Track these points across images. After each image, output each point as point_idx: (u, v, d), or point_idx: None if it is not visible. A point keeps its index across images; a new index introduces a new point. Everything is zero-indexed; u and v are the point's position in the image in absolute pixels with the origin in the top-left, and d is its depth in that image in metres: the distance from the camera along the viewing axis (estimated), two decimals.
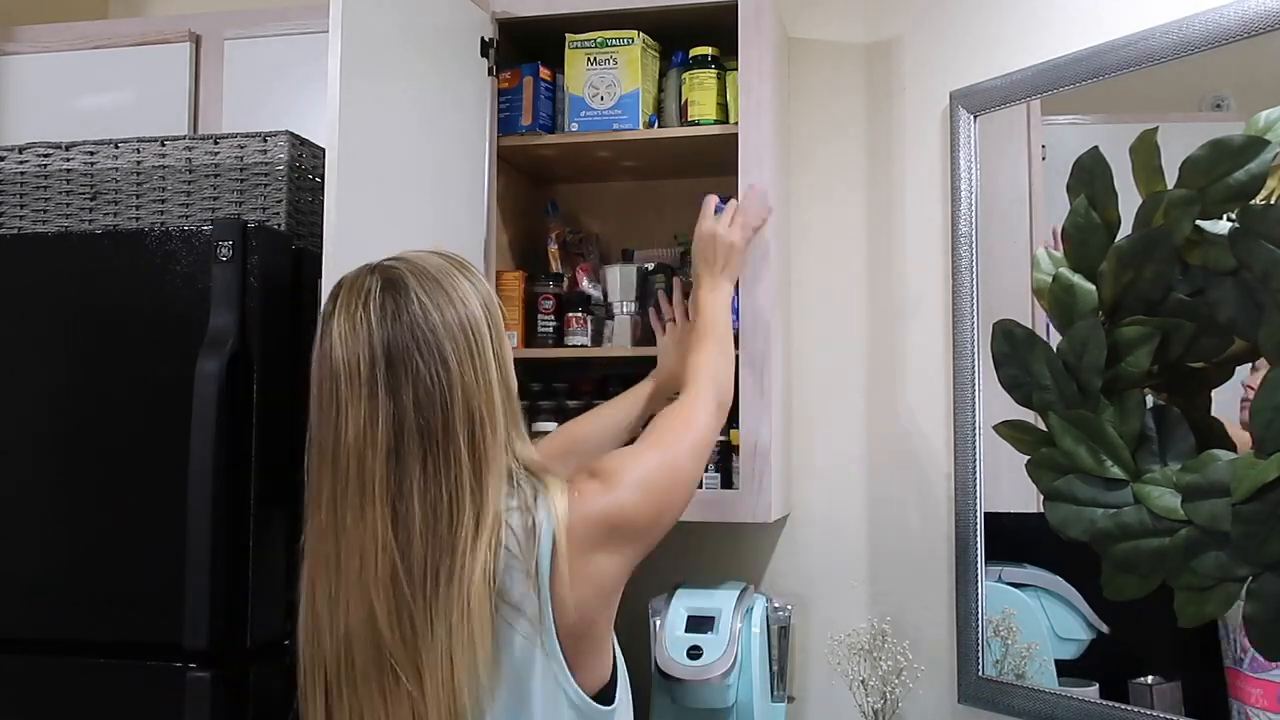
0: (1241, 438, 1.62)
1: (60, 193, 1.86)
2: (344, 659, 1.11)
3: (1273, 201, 1.59)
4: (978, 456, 1.97)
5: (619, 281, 2.06)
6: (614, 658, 1.24)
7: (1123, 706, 1.75)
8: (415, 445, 1.11)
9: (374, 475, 1.10)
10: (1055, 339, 1.85)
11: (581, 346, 2.02)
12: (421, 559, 1.09)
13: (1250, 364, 1.62)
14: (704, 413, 1.40)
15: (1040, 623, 1.88)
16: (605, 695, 1.20)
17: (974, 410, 1.98)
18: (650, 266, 2.06)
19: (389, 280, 1.15)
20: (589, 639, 1.17)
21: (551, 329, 2.04)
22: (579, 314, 2.02)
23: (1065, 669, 1.85)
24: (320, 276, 1.52)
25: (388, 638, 1.09)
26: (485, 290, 1.20)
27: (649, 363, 1.88)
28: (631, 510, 1.20)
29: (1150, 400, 1.73)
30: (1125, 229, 1.76)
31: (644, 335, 2.01)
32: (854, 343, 2.16)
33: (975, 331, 1.99)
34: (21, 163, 1.88)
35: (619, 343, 2.02)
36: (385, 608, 1.09)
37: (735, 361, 1.64)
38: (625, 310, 2.04)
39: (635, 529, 1.21)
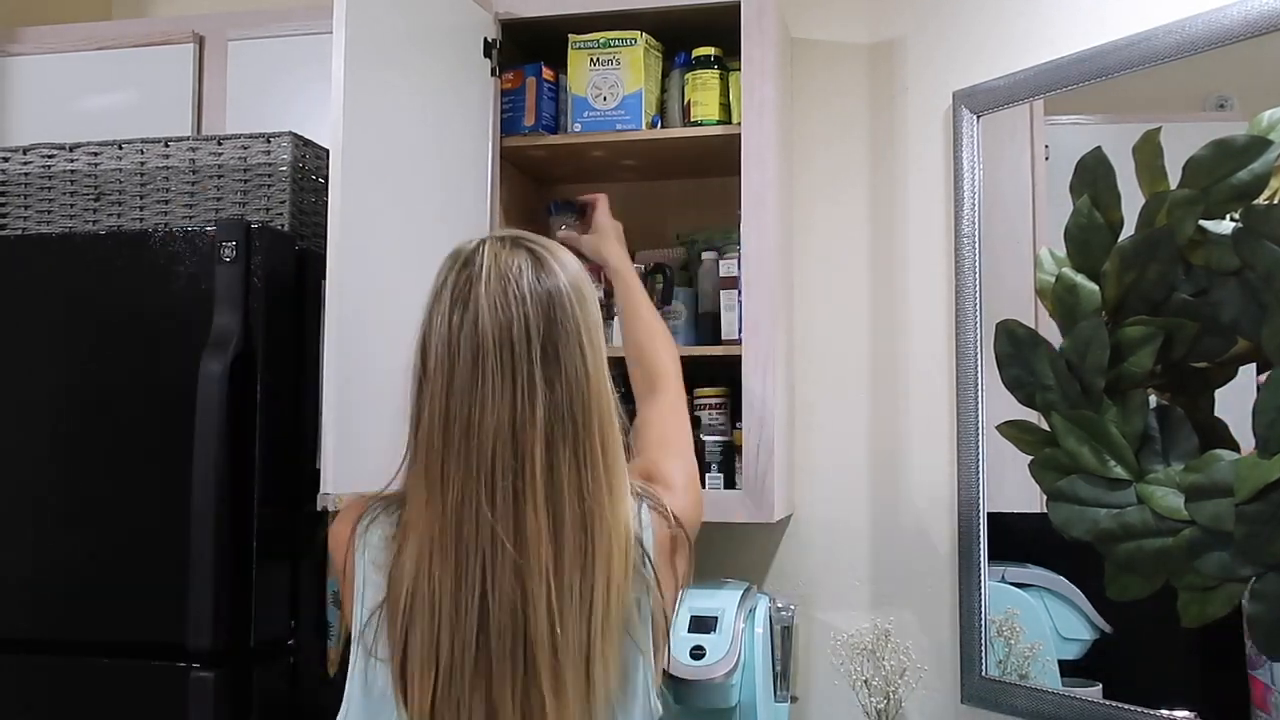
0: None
1: (64, 194, 1.86)
2: (469, 649, 1.05)
3: (1276, 201, 1.59)
4: (981, 457, 1.97)
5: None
6: None
7: (1125, 706, 1.74)
8: (567, 435, 1.08)
9: (532, 461, 1.06)
10: (1058, 339, 1.85)
11: None
12: (570, 561, 1.06)
13: (1255, 364, 1.62)
14: (686, 416, 1.42)
15: (1043, 623, 1.87)
16: None
17: (977, 410, 1.98)
18: (645, 266, 2.05)
19: (538, 259, 1.12)
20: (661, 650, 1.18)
21: None
22: None
23: (1068, 669, 1.85)
24: (324, 277, 1.52)
25: (543, 631, 1.04)
26: (585, 272, 1.18)
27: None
28: (690, 512, 1.23)
29: (1153, 400, 1.73)
30: (1128, 229, 1.76)
31: (700, 335, 2.00)
32: (857, 343, 2.16)
33: (978, 331, 1.99)
34: (26, 164, 1.88)
35: (618, 342, 2.00)
36: (544, 600, 1.04)
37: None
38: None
39: (692, 530, 1.24)
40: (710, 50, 1.98)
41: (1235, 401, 1.64)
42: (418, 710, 1.07)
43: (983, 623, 1.95)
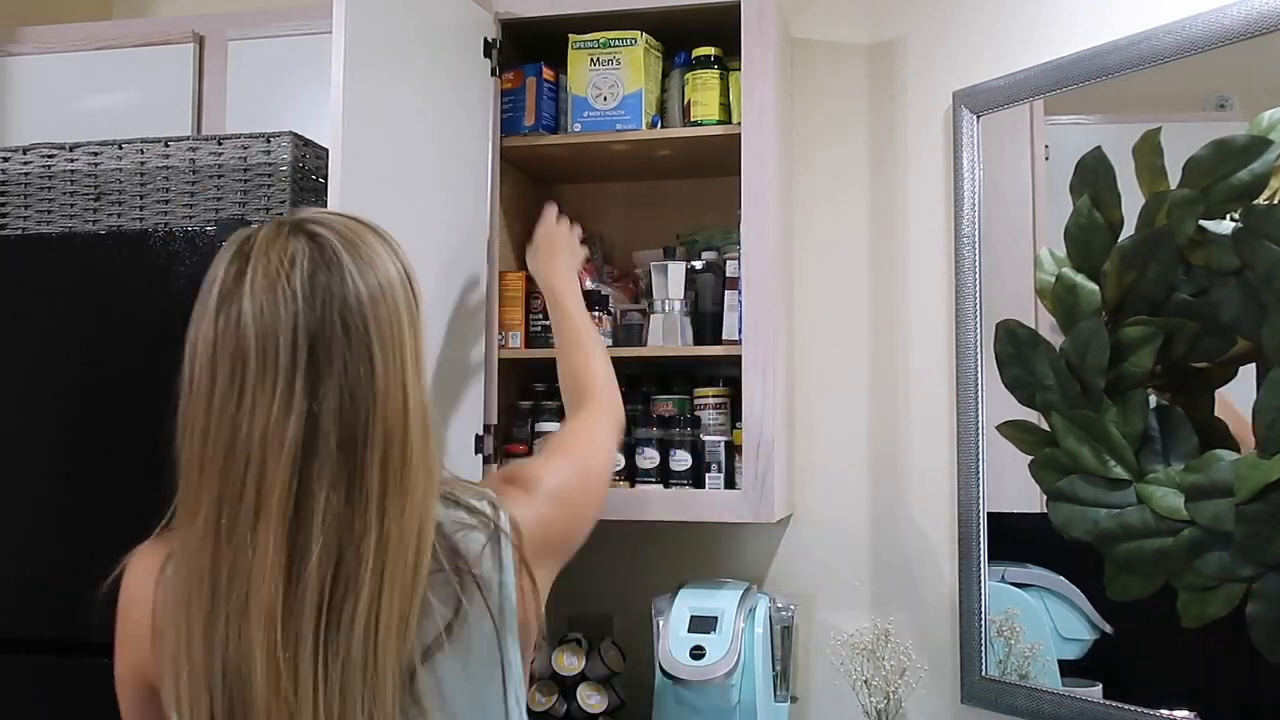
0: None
1: (64, 193, 1.86)
2: (225, 701, 0.92)
3: (1276, 201, 1.59)
4: (980, 456, 1.97)
5: (667, 280, 2.00)
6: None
7: (1126, 707, 1.74)
8: (328, 456, 0.92)
9: (273, 485, 0.91)
10: (1059, 339, 1.85)
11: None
12: (316, 596, 0.90)
13: (1255, 363, 1.62)
14: (605, 433, 1.33)
15: (1043, 623, 1.87)
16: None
17: (977, 410, 1.98)
18: (699, 264, 2.04)
19: (319, 248, 0.96)
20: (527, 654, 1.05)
21: (540, 327, 2.02)
22: (595, 314, 2.01)
23: (1068, 669, 1.85)
24: None
25: (260, 688, 0.89)
26: (405, 264, 1.02)
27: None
28: (553, 521, 1.10)
29: (1153, 400, 1.73)
30: (1128, 229, 1.76)
31: (699, 334, 1.99)
32: (857, 343, 2.16)
33: (978, 332, 1.99)
34: (26, 163, 1.88)
35: (669, 342, 1.97)
36: (263, 650, 0.89)
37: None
38: (679, 309, 1.99)
39: (564, 540, 1.13)
40: (710, 50, 1.98)
41: (1235, 401, 1.64)
42: None
43: (983, 623, 1.95)
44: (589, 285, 2.08)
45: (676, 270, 1.99)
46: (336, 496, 0.92)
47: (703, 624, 1.82)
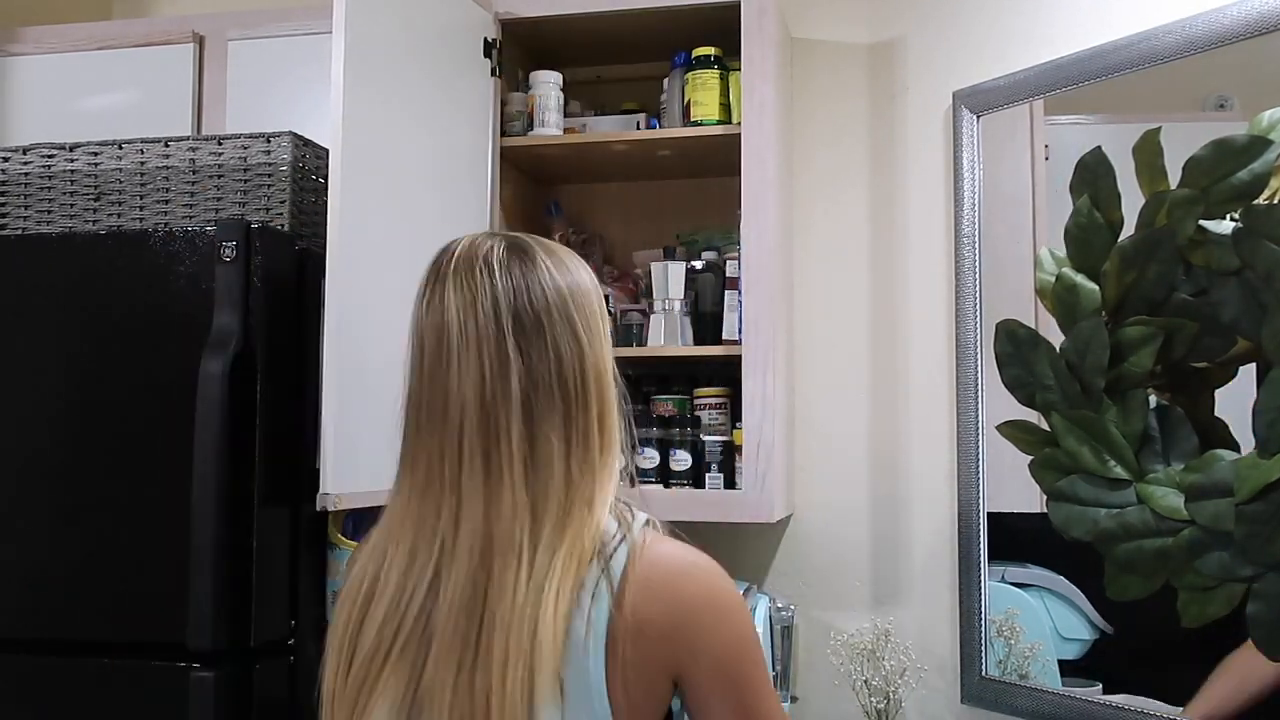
0: None
1: (64, 193, 1.86)
2: (402, 632, 0.97)
3: (1276, 201, 1.59)
4: (980, 456, 1.97)
5: (666, 279, 1.99)
6: None
7: (1126, 707, 1.74)
8: (553, 402, 0.99)
9: (508, 434, 0.98)
10: (1059, 339, 1.85)
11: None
12: (553, 532, 0.96)
13: (1255, 363, 1.62)
14: None
15: (1043, 623, 1.87)
16: None
17: (977, 410, 1.98)
18: (699, 264, 2.04)
19: (513, 244, 1.05)
20: None
21: None
22: None
23: (1068, 669, 1.85)
24: (324, 277, 1.52)
25: (506, 607, 0.94)
26: (591, 273, 1.10)
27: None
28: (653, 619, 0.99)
29: (1153, 400, 1.73)
30: (1128, 229, 1.76)
31: (699, 334, 1.99)
32: (857, 343, 2.16)
33: (978, 331, 1.99)
34: (26, 163, 1.88)
35: (669, 342, 1.97)
36: (511, 577, 0.95)
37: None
38: (679, 309, 1.98)
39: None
40: (710, 50, 1.98)
41: (1235, 401, 1.64)
42: (325, 692, 1.02)
43: (983, 623, 1.95)
44: None
45: (676, 270, 1.99)
46: (566, 441, 0.99)
47: None
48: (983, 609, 1.96)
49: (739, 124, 1.90)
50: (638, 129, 2.04)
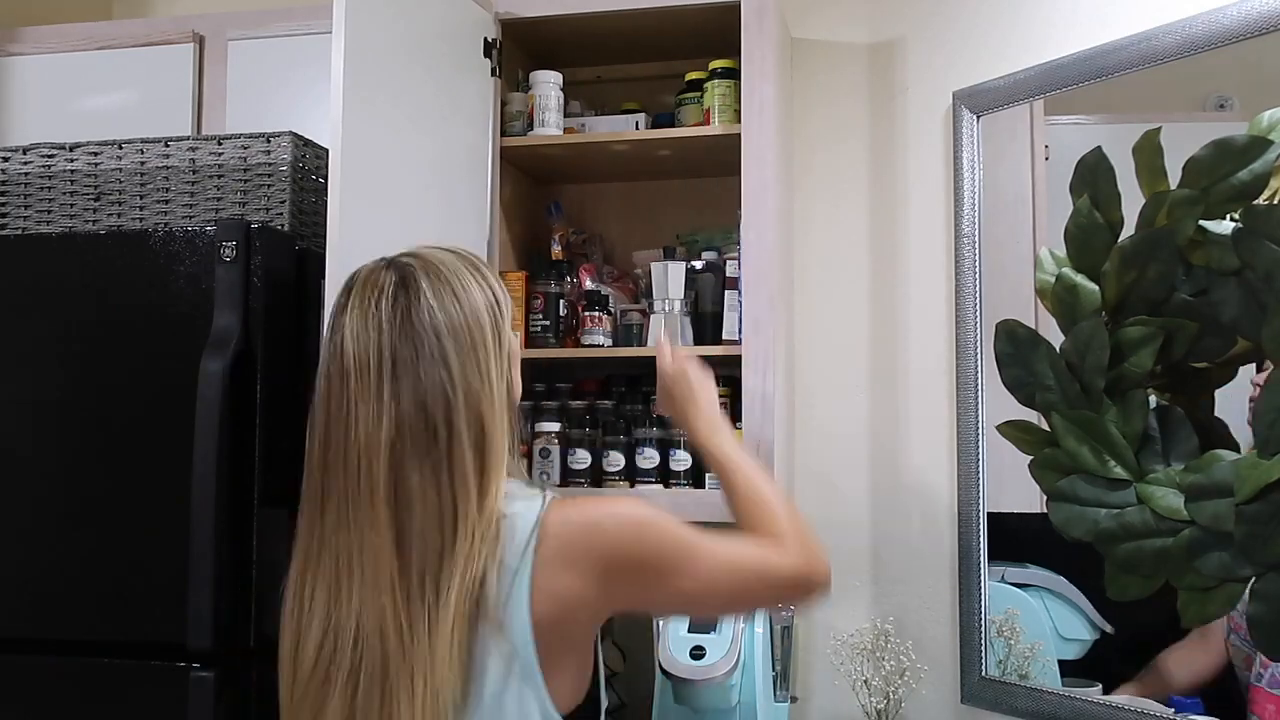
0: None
1: (64, 193, 1.86)
2: (346, 661, 1.11)
3: (1276, 201, 1.59)
4: (981, 457, 1.97)
5: (666, 279, 1.98)
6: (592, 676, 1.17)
7: (1126, 707, 1.74)
8: (417, 448, 1.09)
9: (379, 478, 1.09)
10: (1059, 339, 1.85)
11: (598, 346, 2.01)
12: (420, 566, 1.08)
13: (1255, 363, 1.62)
14: (752, 561, 1.17)
15: (1043, 623, 1.87)
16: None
17: (977, 410, 1.98)
18: (699, 264, 2.04)
19: (402, 278, 1.14)
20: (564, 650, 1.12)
21: (540, 327, 2.02)
22: (596, 313, 2.01)
23: (1068, 669, 1.85)
24: (324, 277, 1.52)
25: (393, 643, 1.08)
26: (494, 290, 1.18)
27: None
28: (574, 538, 1.11)
29: (1153, 400, 1.73)
30: (1128, 229, 1.76)
31: (699, 334, 1.99)
32: (857, 343, 2.16)
33: (978, 332, 1.99)
34: (26, 163, 1.88)
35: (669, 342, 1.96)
36: (390, 611, 1.08)
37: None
38: (679, 309, 1.98)
39: (577, 551, 1.12)
40: (724, 63, 1.97)
41: (1235, 401, 1.64)
42: (282, 702, 1.19)
43: (983, 623, 1.95)
44: (589, 285, 2.09)
45: (676, 270, 1.99)
46: (425, 481, 1.09)
47: (703, 624, 1.82)
48: (983, 609, 1.96)
49: (739, 124, 1.90)
50: (637, 129, 2.04)
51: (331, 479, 1.12)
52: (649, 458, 1.94)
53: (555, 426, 1.99)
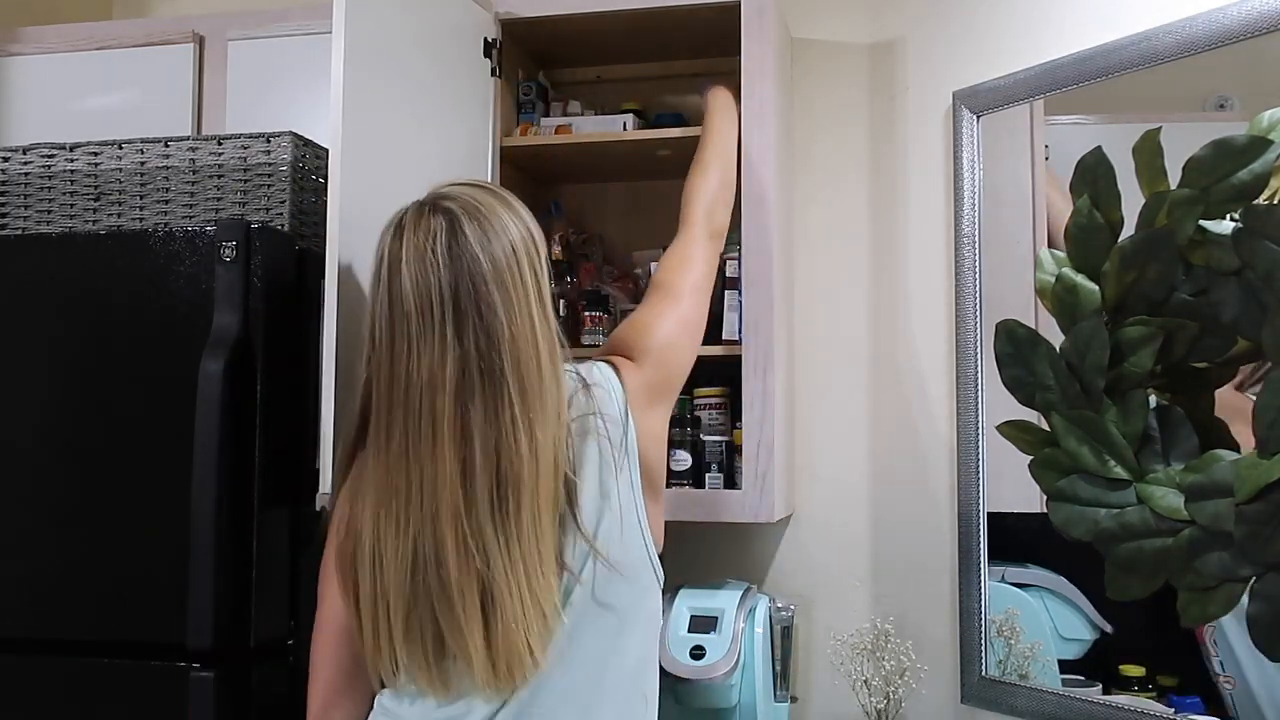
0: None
1: (64, 193, 1.86)
2: (403, 591, 1.19)
3: (1276, 201, 1.59)
4: (981, 456, 1.97)
5: None
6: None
7: (1125, 707, 1.74)
8: (477, 386, 1.19)
9: (444, 414, 1.19)
10: (1059, 339, 1.85)
11: (598, 346, 2.00)
12: (487, 493, 1.18)
13: (1255, 363, 1.62)
14: (698, 250, 1.55)
15: (1043, 623, 1.88)
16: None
17: (977, 410, 1.98)
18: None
19: (450, 222, 1.24)
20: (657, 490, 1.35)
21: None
22: (596, 313, 2.01)
23: (1068, 669, 1.85)
24: (323, 277, 1.52)
25: (452, 570, 1.17)
26: (526, 222, 1.30)
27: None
28: (662, 377, 1.39)
29: (1153, 400, 1.73)
30: (1128, 229, 1.76)
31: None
32: (857, 343, 2.16)
33: (978, 331, 1.99)
34: (25, 163, 1.88)
35: None
36: (453, 540, 1.17)
37: (737, 185, 1.76)
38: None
39: (668, 386, 1.42)
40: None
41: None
42: (369, 646, 1.23)
43: (983, 623, 1.95)
44: (589, 285, 2.09)
45: None
46: (485, 414, 1.19)
47: (703, 624, 1.82)
48: (983, 609, 1.96)
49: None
50: (636, 129, 2.04)
51: (394, 417, 1.21)
52: None
53: None
